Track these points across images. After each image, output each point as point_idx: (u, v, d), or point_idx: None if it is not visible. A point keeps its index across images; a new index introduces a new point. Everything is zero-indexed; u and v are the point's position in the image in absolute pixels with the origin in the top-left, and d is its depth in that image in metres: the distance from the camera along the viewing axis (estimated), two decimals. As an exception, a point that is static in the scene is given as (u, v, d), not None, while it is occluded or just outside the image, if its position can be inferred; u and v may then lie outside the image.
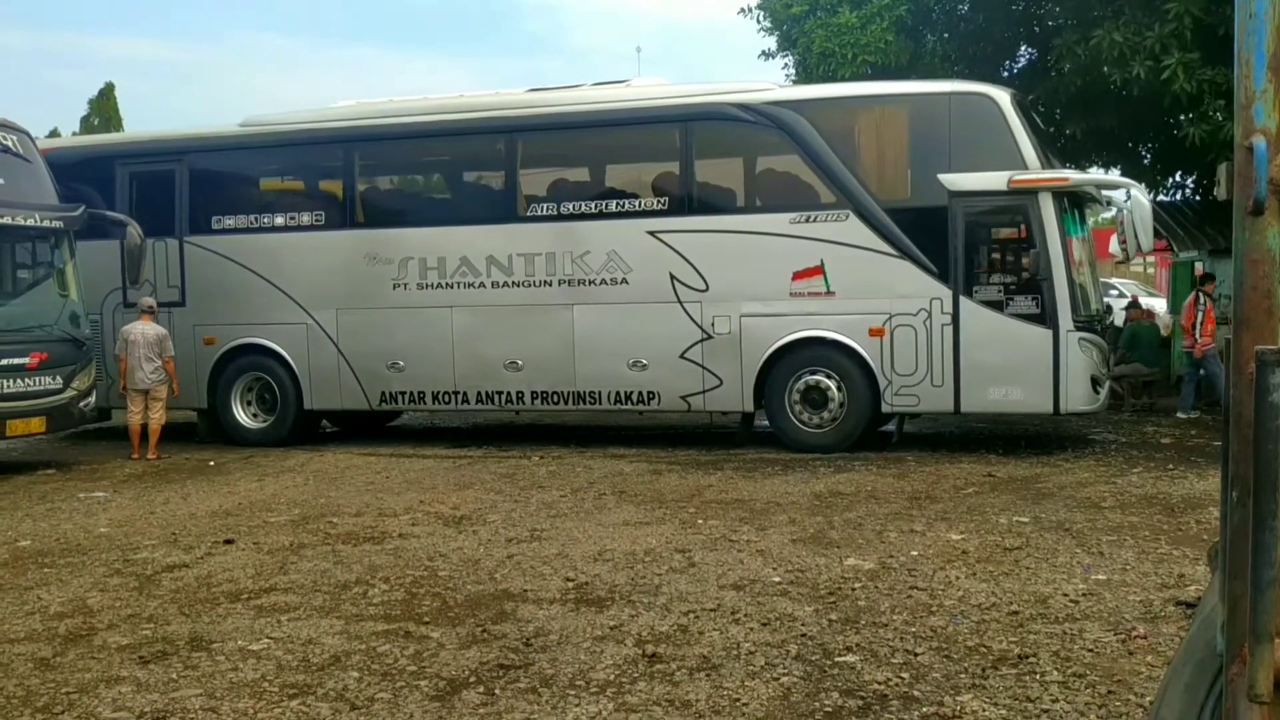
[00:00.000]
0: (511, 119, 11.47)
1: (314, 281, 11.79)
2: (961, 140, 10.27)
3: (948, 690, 4.21)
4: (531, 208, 11.53)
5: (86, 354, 10.82)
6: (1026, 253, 10.13)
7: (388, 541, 7.06)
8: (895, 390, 10.45)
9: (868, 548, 6.60)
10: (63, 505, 8.71)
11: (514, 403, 11.64)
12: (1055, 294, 10.00)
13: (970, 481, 8.91)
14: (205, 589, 5.98)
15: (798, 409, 10.81)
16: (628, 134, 11.70)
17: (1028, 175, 10.03)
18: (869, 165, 10.66)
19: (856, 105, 11.10)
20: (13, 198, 10.21)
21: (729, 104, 10.86)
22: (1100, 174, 11.06)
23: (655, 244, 10.94)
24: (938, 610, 5.26)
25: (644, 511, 7.89)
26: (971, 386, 10.27)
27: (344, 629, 5.19)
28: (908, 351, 10.36)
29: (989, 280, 10.28)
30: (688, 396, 11.03)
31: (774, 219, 10.75)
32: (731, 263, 10.78)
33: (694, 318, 10.88)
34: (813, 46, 13.94)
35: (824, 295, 10.55)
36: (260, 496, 8.89)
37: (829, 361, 10.68)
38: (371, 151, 12.15)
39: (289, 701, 4.27)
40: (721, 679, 4.39)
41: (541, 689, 4.33)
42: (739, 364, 10.81)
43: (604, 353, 11.14)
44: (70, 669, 4.71)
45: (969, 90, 10.53)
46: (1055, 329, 10.01)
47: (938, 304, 10.28)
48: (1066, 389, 10.02)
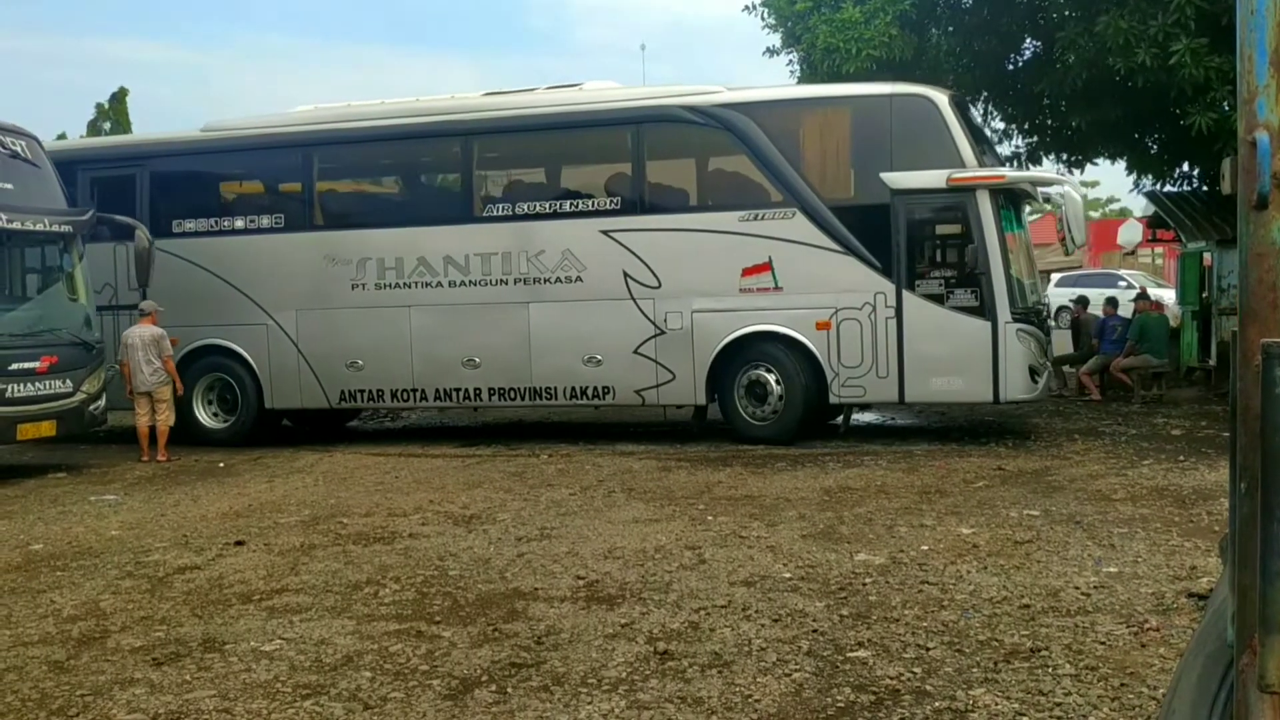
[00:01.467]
0: (467, 122, 11.74)
1: (274, 283, 11.93)
2: (902, 140, 10.61)
3: (960, 684, 4.21)
4: (487, 208, 11.94)
5: (96, 357, 10.86)
6: (965, 248, 10.55)
7: (398, 541, 7.08)
8: (842, 382, 10.78)
9: (878, 543, 6.60)
10: (74, 508, 8.74)
11: (472, 399, 11.92)
12: (993, 287, 10.35)
13: (980, 475, 8.90)
14: (217, 590, 6.00)
15: (743, 402, 11.13)
16: (581, 136, 11.97)
17: (965, 173, 10.38)
18: (814, 165, 10.99)
19: (801, 107, 11.43)
20: (22, 202, 10.26)
21: (678, 106, 11.18)
22: (1036, 171, 11.62)
23: (609, 243, 11.22)
24: (949, 604, 5.26)
25: (654, 509, 7.90)
26: (915, 377, 10.60)
27: (356, 629, 5.20)
28: (853, 344, 10.70)
29: (930, 274, 10.66)
30: (642, 391, 11.33)
31: (723, 217, 11.06)
32: (683, 260, 11.07)
33: (647, 314, 11.17)
34: (817, 42, 13.91)
35: (772, 291, 10.88)
36: (270, 498, 8.92)
37: (772, 356, 11.01)
38: (330, 155, 12.37)
39: (302, 702, 4.28)
40: (733, 675, 4.39)
41: (554, 687, 4.34)
42: (691, 358, 11.11)
43: (560, 349, 11.40)
44: (84, 671, 4.73)
45: (909, 92, 10.86)
46: (994, 321, 10.38)
47: (881, 298, 10.62)
48: (1005, 378, 10.39)
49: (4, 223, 9.90)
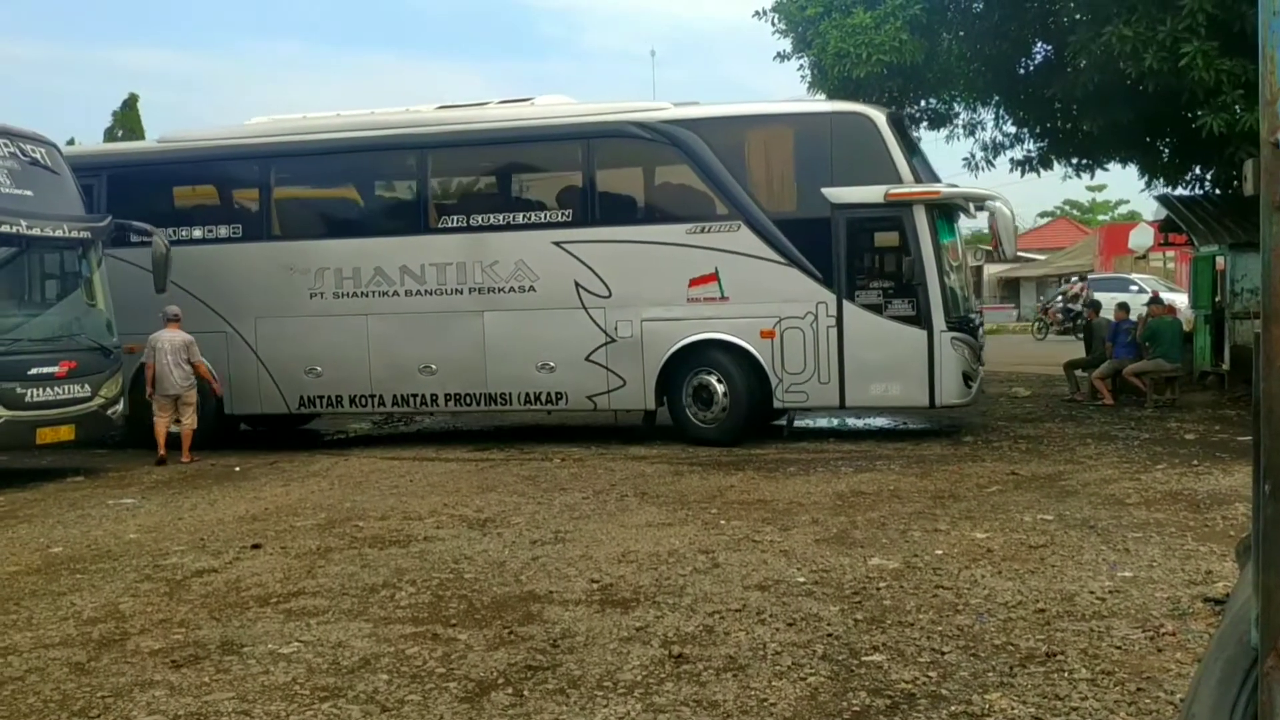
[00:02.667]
0: (422, 136, 12.05)
1: (233, 292, 12.06)
2: (842, 156, 11.05)
3: (975, 689, 4.22)
4: (443, 220, 12.28)
5: (114, 362, 10.93)
6: (902, 259, 10.96)
7: (414, 545, 7.10)
8: (786, 387, 11.21)
9: (892, 547, 6.60)
10: (93, 512, 8.79)
11: (428, 404, 12.30)
12: (929, 297, 10.84)
13: (993, 480, 8.89)
14: (235, 593, 6.03)
15: (690, 406, 11.52)
16: (533, 150, 12.33)
17: (902, 188, 10.83)
18: (758, 179, 11.43)
19: (745, 124, 11.71)
20: (42, 209, 10.34)
21: (628, 122, 11.54)
22: (970, 189, 11.90)
23: (561, 254, 11.58)
24: (964, 609, 5.27)
25: (666, 513, 7.91)
26: (855, 383, 11.07)
27: (372, 632, 5.22)
28: (796, 352, 11.14)
29: (869, 285, 11.09)
30: (593, 396, 11.73)
31: (671, 230, 11.43)
32: (632, 271, 11.47)
33: (598, 322, 11.56)
34: (827, 47, 13.94)
35: (719, 300, 11.31)
36: (286, 501, 8.96)
37: (717, 362, 11.40)
38: (286, 166, 12.55)
39: (320, 704, 4.30)
40: (748, 679, 4.40)
41: (569, 690, 4.36)
42: (641, 365, 11.52)
43: (513, 356, 11.75)
44: (104, 673, 4.76)
45: (848, 110, 11.36)
46: (929, 329, 10.85)
47: (823, 307, 11.07)
48: (940, 384, 10.87)
49: (24, 229, 9.98)
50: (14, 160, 10.30)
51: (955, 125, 16.39)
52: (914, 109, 15.81)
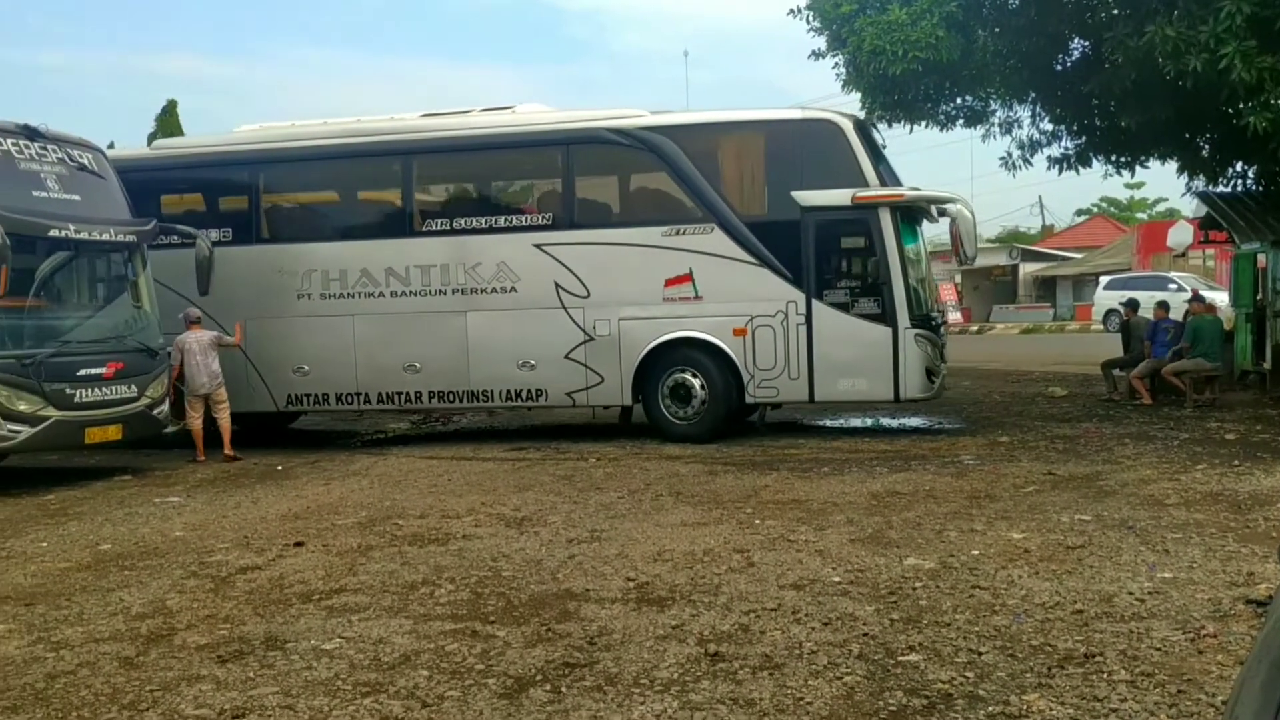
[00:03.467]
0: (406, 142, 12.42)
1: (222, 294, 12.18)
2: (811, 161, 11.47)
3: (1013, 689, 4.22)
4: (426, 223, 12.55)
5: (160, 363, 11.12)
6: (869, 260, 11.40)
7: (452, 543, 7.19)
8: (757, 383, 11.61)
9: (927, 547, 6.60)
10: (140, 510, 8.96)
11: (413, 402, 12.67)
12: (893, 296, 11.25)
13: (1030, 480, 8.85)
14: (278, 590, 6.13)
15: (669, 404, 11.87)
16: (514, 156, 12.72)
17: (868, 192, 11.26)
18: (731, 183, 11.82)
19: (718, 130, 12.12)
20: (90, 213, 10.54)
21: (605, 129, 11.94)
22: (933, 192, 12.13)
23: (541, 256, 11.97)
24: (1000, 609, 5.26)
25: (701, 512, 7.94)
26: (824, 378, 11.47)
27: (413, 628, 5.30)
28: (767, 349, 11.53)
29: (837, 285, 11.52)
30: (573, 393, 12.10)
31: (647, 232, 11.81)
32: (610, 272, 11.85)
33: (577, 322, 11.94)
34: (863, 45, 13.85)
35: (693, 300, 11.71)
36: (327, 500, 9.08)
37: (695, 360, 11.77)
38: (276, 172, 12.80)
39: (362, 699, 4.37)
40: (785, 678, 4.43)
41: (607, 687, 4.40)
42: (618, 363, 11.90)
43: (495, 355, 12.12)
44: (153, 667, 4.86)
45: (816, 117, 11.64)
46: (894, 326, 11.28)
47: (793, 306, 11.47)
48: (905, 379, 11.29)
49: (72, 233, 10.18)
50: (62, 165, 10.51)
51: (991, 123, 16.21)
52: (950, 106, 15.69)
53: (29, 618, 5.73)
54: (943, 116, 15.69)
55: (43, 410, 9.84)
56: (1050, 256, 51.43)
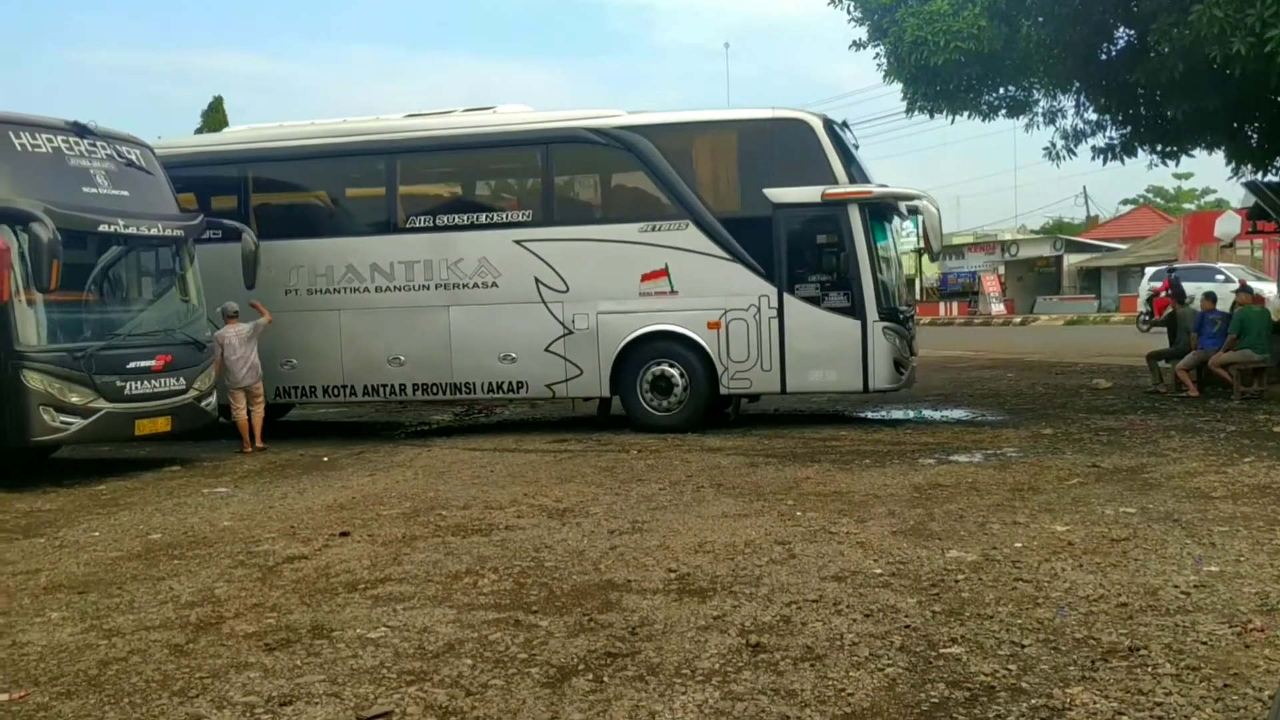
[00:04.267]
0: (391, 142, 12.76)
1: (213, 290, 12.25)
2: (782, 159, 11.82)
3: (1056, 682, 4.20)
4: (410, 220, 12.85)
5: (208, 356, 11.31)
6: (838, 255, 11.72)
7: (495, 533, 7.25)
8: (731, 375, 11.99)
9: (970, 540, 6.57)
10: (188, 500, 9.11)
11: (397, 394, 13.06)
12: (862, 290, 11.63)
13: (1074, 473, 8.77)
14: (324, 579, 6.21)
15: (649, 396, 12.20)
16: (495, 155, 13.10)
17: (838, 189, 11.64)
18: (705, 181, 12.22)
19: (693, 129, 12.46)
20: (138, 209, 10.72)
21: (583, 128, 12.32)
22: (900, 189, 12.50)
23: (521, 252, 12.35)
24: (1044, 602, 5.23)
25: (742, 504, 7.95)
26: (795, 370, 11.85)
27: (456, 618, 5.35)
28: (741, 341, 11.91)
29: (808, 279, 11.83)
30: (552, 385, 12.48)
31: (624, 228, 12.18)
32: (588, 267, 12.23)
33: (556, 316, 12.31)
34: (904, 35, 13.78)
35: (669, 294, 12.07)
36: (372, 490, 9.18)
37: (673, 353, 12.13)
38: (265, 171, 13.06)
39: (407, 687, 4.42)
40: (826, 669, 4.44)
41: (649, 677, 4.43)
42: (596, 355, 12.26)
43: (477, 348, 12.50)
44: (202, 655, 4.94)
45: (787, 116, 11.93)
46: (863, 320, 11.65)
47: (765, 300, 11.84)
48: (873, 371, 11.67)
49: (121, 228, 10.36)
50: (110, 162, 10.70)
51: (1035, 113, 16.07)
52: (992, 96, 15.56)
53: (82, 605, 5.85)
54: (985, 107, 15.57)
55: (94, 402, 10.02)
56: (1095, 247, 50.85)
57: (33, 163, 10.02)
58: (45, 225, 9.26)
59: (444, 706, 4.21)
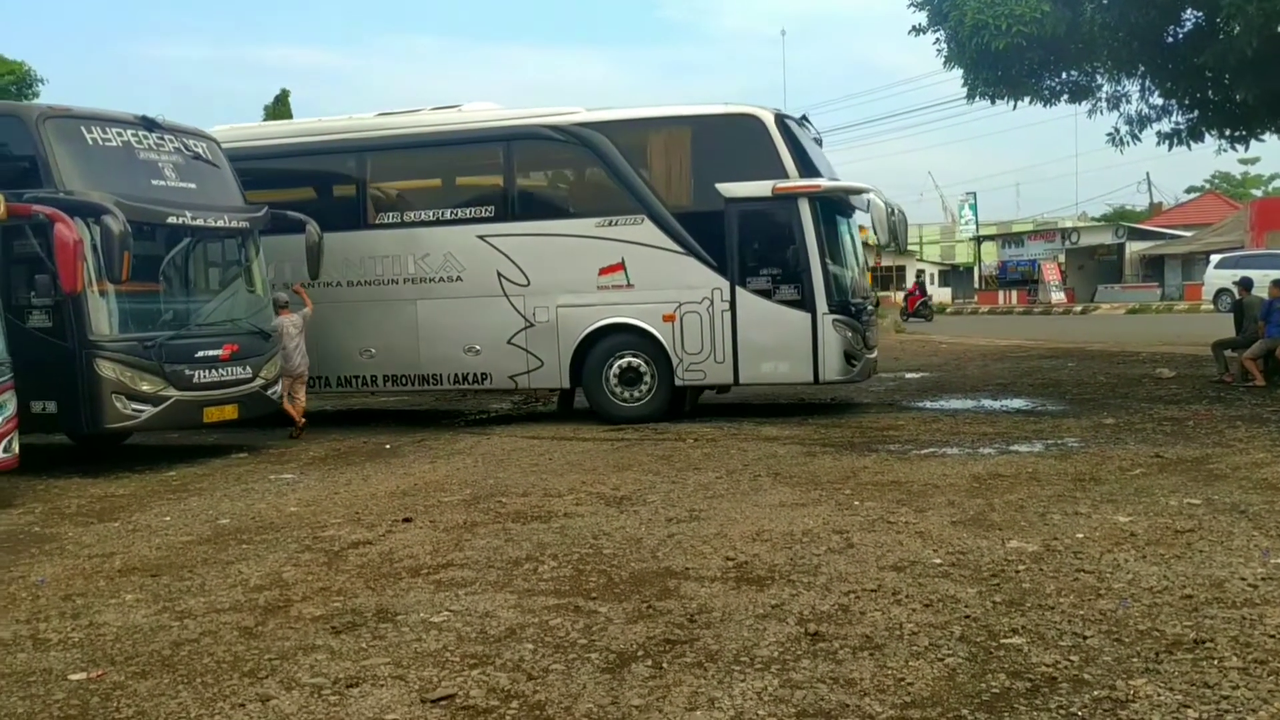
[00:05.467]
0: (361, 140, 13.07)
1: None
2: (734, 154, 12.04)
3: (1119, 674, 4.17)
4: (380, 217, 13.16)
5: (273, 345, 11.52)
6: (788, 248, 11.85)
7: (554, 520, 7.33)
8: (686, 367, 12.19)
9: (1030, 530, 6.51)
10: (255, 486, 9.30)
11: (368, 385, 13.42)
12: (812, 283, 11.74)
13: (1136, 463, 8.64)
14: (388, 564, 6.32)
15: (616, 388, 12.39)
16: (459, 152, 13.38)
17: (788, 183, 11.75)
18: (659, 176, 12.30)
19: (648, 126, 12.56)
20: (205, 200, 10.95)
21: (542, 126, 12.59)
22: (849, 183, 12.65)
23: (484, 246, 12.64)
24: (1106, 593, 5.18)
25: (800, 493, 7.95)
26: (747, 362, 12.02)
27: (517, 603, 5.42)
28: (695, 334, 12.10)
29: (759, 272, 11.98)
30: (515, 376, 12.75)
31: (582, 223, 12.45)
32: (548, 261, 12.47)
33: (518, 309, 12.58)
34: (965, 20, 13.58)
35: (625, 288, 12.29)
36: (434, 478, 9.31)
37: (634, 345, 12.31)
38: (242, 169, 12.87)
39: (470, 671, 4.49)
40: (885, 658, 4.44)
41: (707, 664, 4.46)
42: (557, 347, 12.52)
43: (443, 341, 12.82)
44: (270, 637, 5.05)
45: (739, 112, 12.12)
46: (813, 312, 11.77)
47: (718, 293, 12.02)
48: (823, 362, 11.82)
49: (189, 220, 10.60)
50: (178, 155, 10.94)
51: (1098, 97, 15.76)
52: (1054, 81, 15.29)
53: (155, 588, 6.02)
54: (1047, 92, 15.29)
55: (164, 390, 10.27)
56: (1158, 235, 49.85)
57: (103, 156, 10.28)
58: (116, 218, 9.48)
59: (506, 690, 4.28)
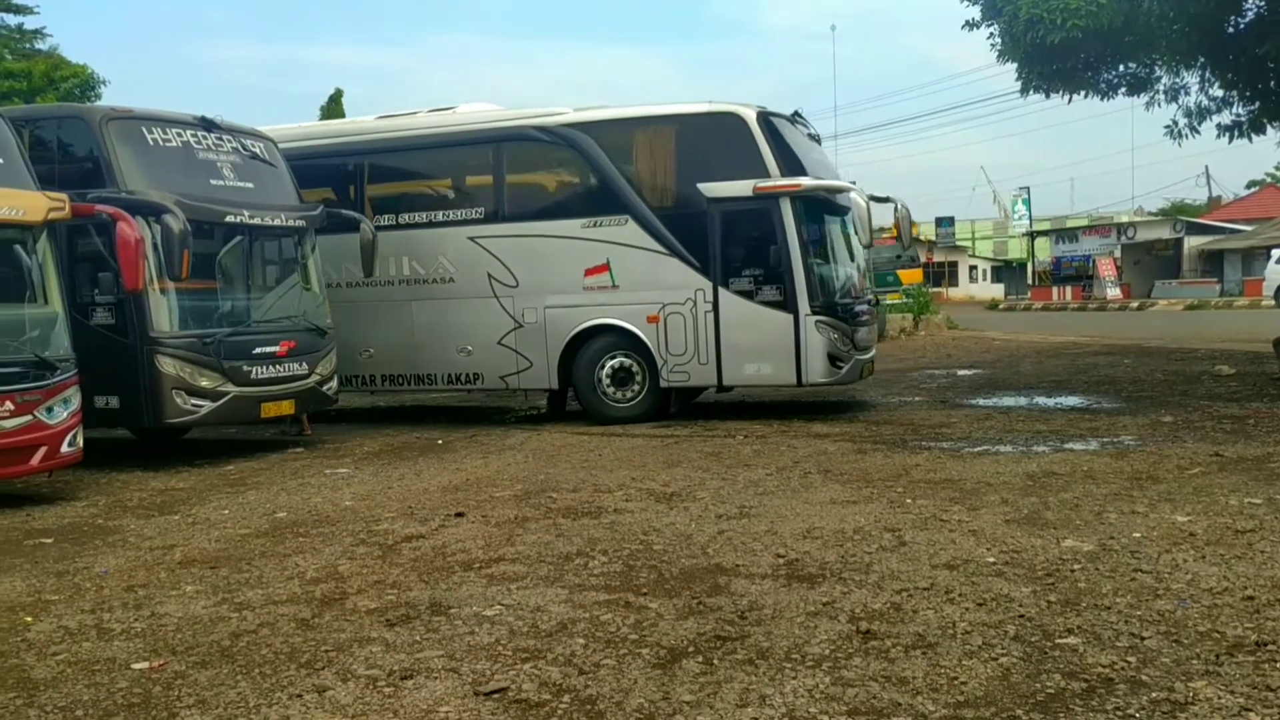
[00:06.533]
0: (359, 144, 13.24)
1: None
2: (717, 153, 11.94)
3: (1178, 676, 4.11)
4: (377, 219, 13.12)
5: (329, 342, 11.69)
6: (770, 248, 11.65)
7: (604, 516, 7.36)
8: (670, 368, 12.14)
9: (1086, 529, 6.43)
10: (311, 481, 9.43)
11: (367, 385, 13.62)
12: (794, 283, 11.56)
13: (1195, 462, 8.49)
14: (441, 558, 6.39)
15: (609, 388, 12.40)
16: (452, 154, 13.44)
17: (769, 182, 11.58)
18: (643, 177, 12.28)
19: (632, 125, 12.50)
20: (262, 200, 11.14)
21: (530, 126, 12.67)
22: (830, 182, 12.32)
23: (475, 248, 12.75)
24: (1164, 594, 5.11)
25: (851, 490, 7.92)
26: (730, 363, 11.93)
27: (568, 598, 5.46)
28: (678, 335, 12.05)
29: (742, 273, 11.86)
30: (506, 376, 12.84)
31: (569, 224, 12.44)
32: (536, 262, 12.54)
33: (508, 310, 12.68)
34: (1019, 13, 13.40)
35: (610, 289, 12.28)
36: (485, 473, 9.39)
37: (620, 346, 12.32)
38: None
39: (522, 664, 4.53)
40: (938, 657, 4.42)
41: (758, 661, 4.47)
42: (545, 348, 12.56)
43: (437, 341, 12.98)
44: (326, 629, 5.13)
45: (721, 110, 12.01)
46: (795, 313, 11.60)
47: (701, 294, 11.95)
48: (807, 364, 11.64)
49: (247, 219, 10.78)
50: (236, 155, 11.13)
51: (1156, 90, 15.47)
52: (1111, 74, 15.03)
53: (214, 580, 6.14)
54: (1104, 85, 15.04)
55: (222, 386, 10.46)
56: (1217, 229, 48.80)
57: (164, 157, 10.49)
58: (176, 216, 9.67)
59: (558, 684, 4.32)
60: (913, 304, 28.16)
